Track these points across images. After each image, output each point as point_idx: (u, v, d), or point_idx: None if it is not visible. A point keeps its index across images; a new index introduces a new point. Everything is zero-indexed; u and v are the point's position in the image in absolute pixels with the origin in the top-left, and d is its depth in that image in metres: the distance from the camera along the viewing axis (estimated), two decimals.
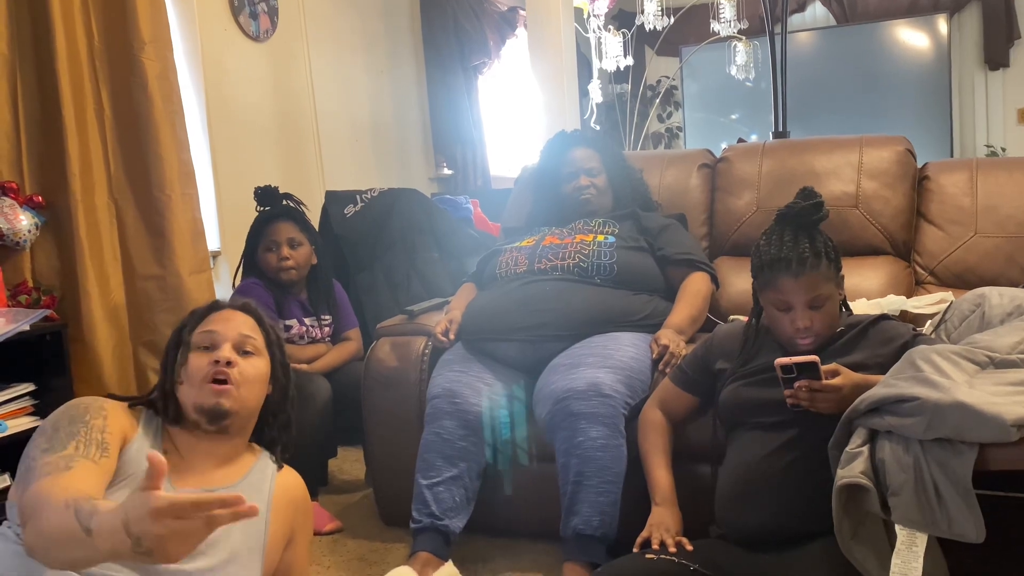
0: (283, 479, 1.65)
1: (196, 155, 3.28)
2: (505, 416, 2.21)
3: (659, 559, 1.65)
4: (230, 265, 3.52)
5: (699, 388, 1.97)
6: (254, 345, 1.60)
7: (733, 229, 2.78)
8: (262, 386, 1.61)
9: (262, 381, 1.60)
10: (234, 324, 1.60)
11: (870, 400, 1.50)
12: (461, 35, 5.36)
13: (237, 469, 1.58)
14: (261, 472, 1.61)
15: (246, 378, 1.56)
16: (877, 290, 2.50)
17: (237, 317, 1.62)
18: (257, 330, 1.63)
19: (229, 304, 1.66)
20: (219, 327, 1.59)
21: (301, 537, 1.67)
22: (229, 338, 1.58)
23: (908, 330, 1.78)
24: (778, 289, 1.73)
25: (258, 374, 1.59)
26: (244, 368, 1.57)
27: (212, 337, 1.58)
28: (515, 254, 2.51)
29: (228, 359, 1.54)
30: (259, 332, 1.63)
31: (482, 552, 2.29)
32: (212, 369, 1.53)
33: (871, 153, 2.68)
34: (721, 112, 6.73)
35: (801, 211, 1.75)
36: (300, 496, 1.68)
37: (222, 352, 1.55)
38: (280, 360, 1.66)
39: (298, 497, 1.67)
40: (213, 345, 1.57)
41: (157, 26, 3.05)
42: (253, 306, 1.66)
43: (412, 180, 4.92)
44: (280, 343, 1.66)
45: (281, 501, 1.61)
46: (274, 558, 1.59)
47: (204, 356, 1.55)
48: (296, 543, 1.65)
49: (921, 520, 1.39)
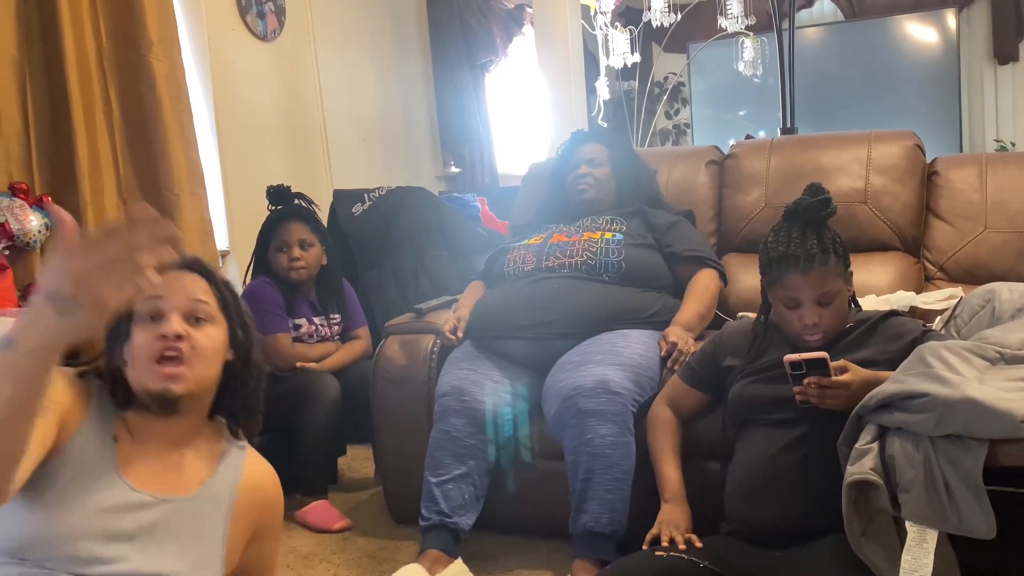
0: (251, 474, 1.47)
1: (204, 155, 3.30)
2: (508, 414, 2.21)
3: (669, 556, 1.66)
4: (239, 264, 3.53)
5: (708, 385, 1.97)
6: (207, 311, 1.38)
7: (741, 226, 2.78)
8: (219, 356, 1.40)
9: (219, 351, 1.40)
10: (181, 287, 1.37)
11: (880, 396, 1.50)
12: (468, 33, 5.36)
13: (205, 461, 1.41)
14: (230, 465, 1.45)
15: (200, 352, 1.35)
16: (886, 286, 2.49)
17: (184, 278, 1.39)
18: (209, 292, 1.40)
19: (175, 264, 1.40)
20: (164, 291, 1.35)
21: (268, 534, 1.52)
22: (177, 305, 1.36)
23: (918, 326, 1.77)
24: (786, 286, 1.73)
25: (214, 345, 1.38)
26: (197, 340, 1.35)
27: (157, 304, 1.35)
28: (523, 252, 2.51)
29: (177, 332, 1.33)
30: (212, 294, 1.40)
31: (491, 549, 2.29)
32: (160, 345, 1.32)
33: (880, 148, 2.68)
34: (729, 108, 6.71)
35: (809, 207, 1.75)
36: (270, 494, 1.51)
37: (170, 325, 1.33)
38: (239, 321, 1.43)
39: (267, 496, 1.50)
40: (159, 314, 1.34)
41: (165, 27, 3.06)
42: (202, 262, 1.44)
43: (420, 178, 4.93)
44: (236, 301, 1.44)
45: (247, 499, 1.44)
46: (233, 558, 1.44)
47: (149, 329, 1.34)
48: (262, 540, 1.50)
49: (931, 516, 1.38)
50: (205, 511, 1.38)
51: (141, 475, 1.33)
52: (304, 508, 2.57)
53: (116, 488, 1.30)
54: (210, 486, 1.40)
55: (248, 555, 1.48)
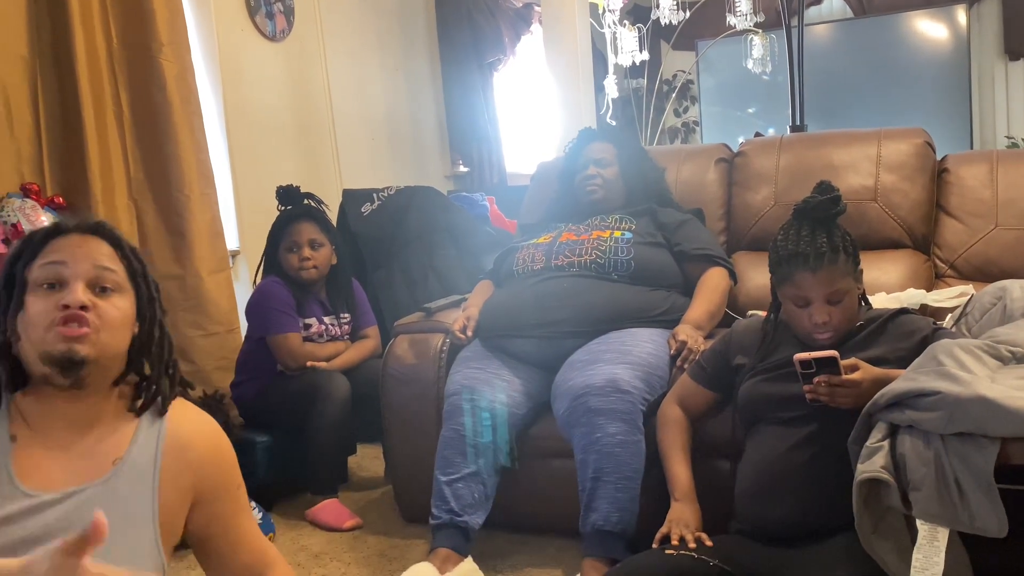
0: (176, 436, 1.31)
1: (214, 155, 3.31)
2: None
3: (679, 555, 1.65)
4: (249, 264, 3.54)
5: (718, 384, 1.96)
6: (114, 280, 1.25)
7: (751, 224, 2.77)
8: (127, 328, 1.27)
9: (126, 324, 1.27)
10: (86, 253, 1.24)
11: (891, 394, 1.50)
12: (476, 32, 5.36)
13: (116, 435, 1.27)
14: (147, 434, 1.29)
15: (107, 323, 1.22)
16: (897, 284, 2.48)
17: (89, 243, 1.26)
18: (116, 259, 1.27)
19: (76, 226, 1.27)
20: (66, 256, 1.23)
21: (217, 495, 1.35)
22: (81, 274, 1.22)
23: (928, 324, 1.77)
24: (795, 284, 1.72)
25: (122, 316, 1.25)
26: (103, 310, 1.22)
27: (58, 271, 1.22)
28: (532, 251, 2.51)
29: (82, 302, 1.20)
30: (119, 261, 1.27)
31: (501, 548, 2.30)
32: (60, 315, 1.19)
33: (889, 146, 2.67)
34: (738, 106, 6.69)
35: (818, 205, 1.74)
36: (203, 452, 1.33)
37: (73, 294, 1.20)
38: (147, 294, 1.30)
39: (201, 454, 1.33)
40: (59, 282, 1.21)
41: (175, 27, 3.07)
42: (108, 227, 1.30)
43: (428, 178, 4.93)
44: (145, 271, 1.31)
45: (173, 464, 1.29)
46: (174, 530, 1.31)
47: (48, 297, 1.20)
48: (211, 502, 1.34)
49: (943, 515, 1.38)
50: (126, 490, 1.24)
51: (43, 472, 1.20)
52: (314, 507, 2.57)
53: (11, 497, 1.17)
54: (126, 461, 1.26)
55: (198, 521, 1.33)
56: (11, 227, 2.61)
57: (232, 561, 1.38)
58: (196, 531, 1.35)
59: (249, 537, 1.41)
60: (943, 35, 6.07)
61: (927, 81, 6.06)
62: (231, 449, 1.40)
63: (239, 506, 1.40)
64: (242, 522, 1.40)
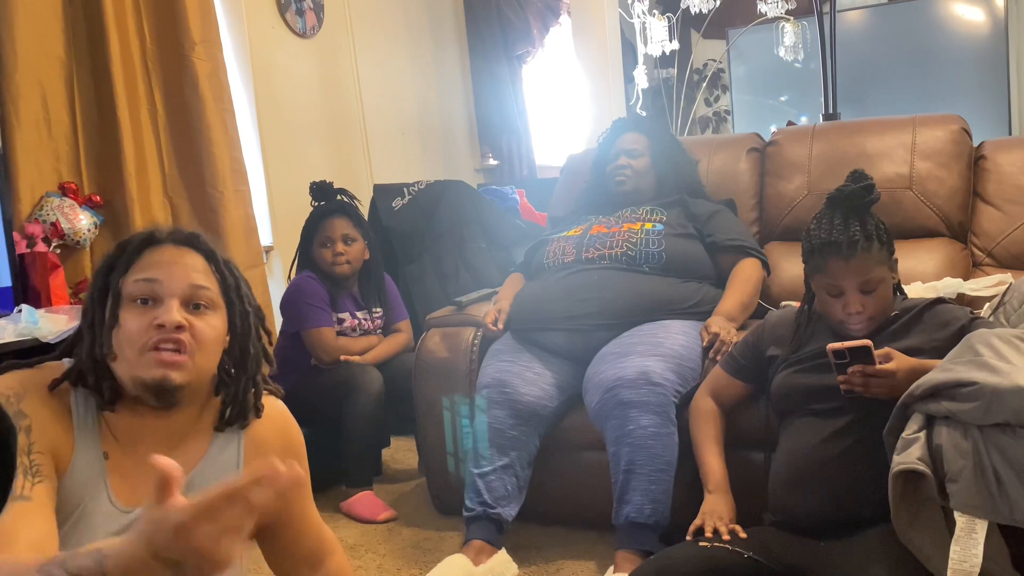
0: (254, 435, 1.32)
1: (247, 152, 3.34)
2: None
3: (713, 547, 1.65)
4: (283, 259, 3.58)
5: (750, 375, 1.95)
6: (208, 297, 1.23)
7: (784, 214, 2.75)
8: (219, 347, 1.26)
9: (219, 341, 1.25)
10: (181, 270, 1.22)
11: (927, 385, 1.48)
12: (505, 24, 5.36)
13: (193, 450, 1.27)
14: (222, 447, 1.30)
15: (201, 343, 1.20)
16: (933, 273, 2.45)
17: (185, 258, 1.23)
18: (211, 275, 1.25)
19: (170, 237, 1.25)
20: (161, 274, 1.20)
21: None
22: (176, 292, 1.20)
23: (965, 313, 1.74)
24: (829, 273, 1.71)
25: (216, 335, 1.23)
26: (198, 330, 1.20)
27: (153, 288, 1.19)
28: (563, 243, 2.51)
29: (177, 323, 1.17)
30: (213, 278, 1.25)
31: (535, 540, 2.31)
32: (156, 336, 1.17)
33: (924, 133, 2.63)
34: (769, 95, 6.62)
35: (852, 194, 1.72)
36: (278, 445, 1.34)
37: (169, 313, 1.17)
38: (239, 308, 1.27)
39: (275, 448, 1.33)
40: (154, 299, 1.19)
41: (207, 26, 3.11)
42: (203, 239, 1.28)
43: (458, 172, 4.94)
44: (237, 284, 1.28)
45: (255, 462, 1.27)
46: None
47: (143, 315, 1.18)
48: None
49: (981, 506, 1.36)
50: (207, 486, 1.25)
51: (136, 489, 1.19)
52: (349, 499, 2.60)
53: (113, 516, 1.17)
54: (208, 460, 1.27)
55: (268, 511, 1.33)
56: (50, 225, 2.66)
57: (296, 548, 1.38)
58: (265, 520, 1.30)
59: (312, 524, 1.40)
60: (979, 18, 5.96)
61: (963, 66, 5.95)
62: (300, 436, 1.40)
63: (305, 494, 1.40)
64: (307, 509, 1.40)
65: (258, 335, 1.32)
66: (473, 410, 2.22)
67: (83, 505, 1.15)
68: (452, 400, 2.24)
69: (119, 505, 1.18)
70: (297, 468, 0.87)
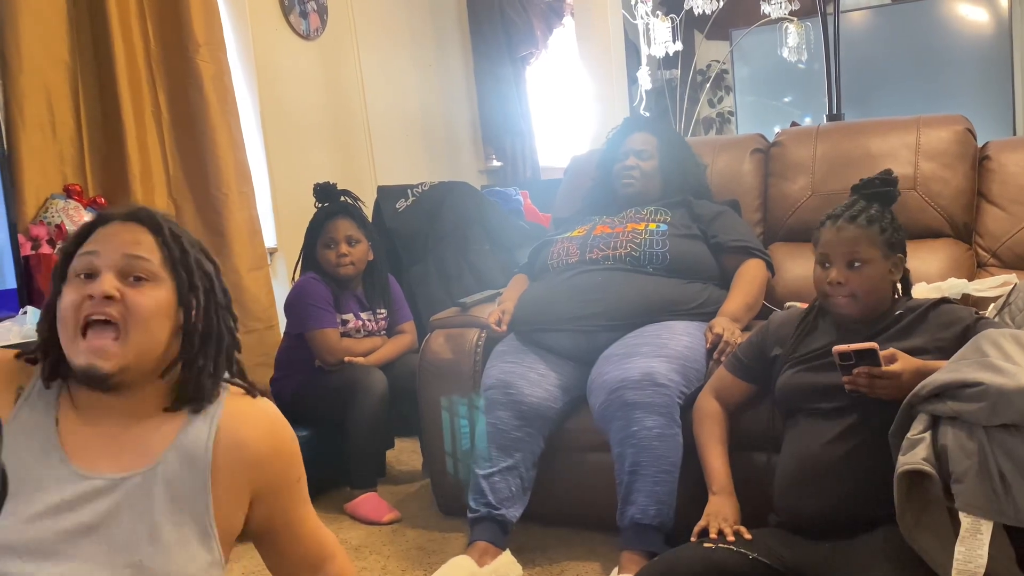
0: (229, 431, 1.26)
1: (251, 154, 3.35)
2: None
3: (717, 548, 1.65)
4: (287, 261, 3.58)
5: (755, 376, 1.95)
6: (147, 268, 1.21)
7: (788, 214, 2.75)
8: (163, 320, 1.21)
9: (161, 314, 1.21)
10: (118, 242, 1.21)
11: (932, 385, 1.48)
12: (508, 26, 5.36)
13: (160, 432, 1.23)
14: (191, 445, 1.24)
15: (136, 315, 1.17)
16: (937, 273, 2.44)
17: (124, 232, 1.22)
18: (154, 247, 1.22)
19: (117, 214, 1.25)
20: (100, 246, 1.20)
21: (275, 490, 1.32)
22: (111, 263, 1.19)
23: (970, 314, 1.74)
24: (821, 243, 1.76)
25: (154, 306, 1.20)
26: (133, 301, 1.18)
27: (90, 261, 1.19)
28: (566, 244, 2.51)
29: (106, 292, 1.16)
30: (156, 249, 1.22)
31: (539, 541, 2.31)
32: (87, 308, 1.16)
33: (929, 134, 2.63)
34: (773, 96, 6.62)
35: (868, 182, 1.79)
36: (258, 450, 1.29)
37: (99, 283, 1.17)
38: (188, 281, 1.24)
39: (255, 452, 1.28)
40: (91, 272, 1.19)
41: (210, 28, 3.12)
42: (149, 212, 1.26)
43: (462, 173, 4.94)
44: (185, 256, 1.25)
45: (227, 460, 1.25)
46: (234, 520, 1.28)
47: (79, 289, 1.18)
48: (271, 497, 1.31)
49: (986, 507, 1.36)
50: (175, 480, 1.22)
51: (91, 453, 1.19)
52: (354, 501, 2.60)
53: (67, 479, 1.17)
54: (175, 451, 1.23)
55: (259, 516, 1.31)
56: (55, 228, 2.66)
57: (293, 553, 1.38)
58: (257, 525, 1.33)
59: (310, 528, 1.40)
60: (984, 19, 5.95)
61: (967, 66, 5.94)
62: (292, 440, 1.37)
63: (300, 498, 1.38)
64: (303, 514, 1.39)
65: (222, 313, 1.28)
66: (473, 411, 2.22)
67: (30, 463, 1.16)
68: (450, 402, 2.24)
69: (73, 466, 1.18)
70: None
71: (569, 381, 2.30)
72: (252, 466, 1.28)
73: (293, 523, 1.37)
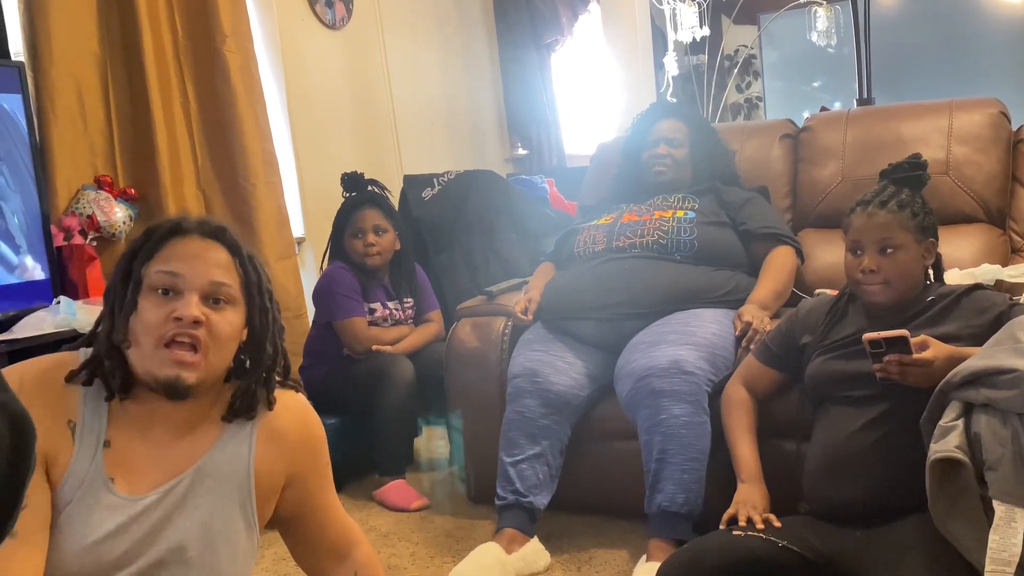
0: (269, 425, 1.32)
1: (278, 144, 3.37)
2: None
3: (746, 536, 1.64)
4: (314, 251, 3.60)
5: (784, 364, 1.94)
6: (228, 293, 1.23)
7: (818, 200, 2.72)
8: (234, 343, 1.26)
9: (235, 337, 1.25)
10: (204, 265, 1.22)
11: (965, 372, 1.46)
12: (533, 13, 5.34)
13: (203, 438, 1.27)
14: (232, 435, 1.29)
15: (217, 339, 1.21)
16: (970, 259, 2.41)
17: (209, 252, 1.23)
18: (233, 270, 1.24)
19: (197, 229, 1.25)
20: (184, 268, 1.20)
21: (312, 473, 1.37)
22: (197, 286, 1.20)
23: (1004, 300, 1.71)
24: (852, 229, 1.74)
25: (232, 331, 1.24)
26: (215, 325, 1.20)
27: (174, 281, 1.20)
28: (593, 232, 2.50)
29: (195, 318, 1.18)
30: (235, 273, 1.25)
31: (567, 528, 2.31)
32: (172, 329, 1.18)
33: (961, 117, 2.58)
34: (802, 80, 6.54)
35: (898, 166, 1.78)
36: (297, 437, 1.35)
37: (188, 308, 1.18)
38: (259, 304, 1.28)
39: (293, 442, 1.34)
40: (175, 291, 1.20)
41: (237, 19, 3.13)
42: (228, 233, 1.27)
43: (487, 161, 4.94)
44: (259, 280, 1.28)
45: (267, 449, 1.31)
46: (268, 507, 1.33)
47: (162, 306, 1.18)
48: (308, 480, 1.37)
49: (1021, 495, 1.34)
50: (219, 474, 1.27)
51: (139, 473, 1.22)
52: (382, 488, 2.62)
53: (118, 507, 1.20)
54: (218, 446, 1.27)
55: (289, 502, 1.35)
56: (86, 218, 2.70)
57: (319, 539, 1.40)
58: (287, 511, 1.36)
59: (336, 515, 1.43)
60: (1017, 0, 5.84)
61: (1000, 48, 5.84)
62: (320, 427, 1.40)
63: (327, 484, 1.42)
64: (329, 500, 1.42)
65: (277, 334, 1.33)
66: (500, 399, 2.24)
67: (78, 500, 1.17)
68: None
69: (120, 494, 1.20)
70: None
71: (596, 369, 2.29)
72: (288, 454, 1.33)
73: (320, 508, 1.40)
